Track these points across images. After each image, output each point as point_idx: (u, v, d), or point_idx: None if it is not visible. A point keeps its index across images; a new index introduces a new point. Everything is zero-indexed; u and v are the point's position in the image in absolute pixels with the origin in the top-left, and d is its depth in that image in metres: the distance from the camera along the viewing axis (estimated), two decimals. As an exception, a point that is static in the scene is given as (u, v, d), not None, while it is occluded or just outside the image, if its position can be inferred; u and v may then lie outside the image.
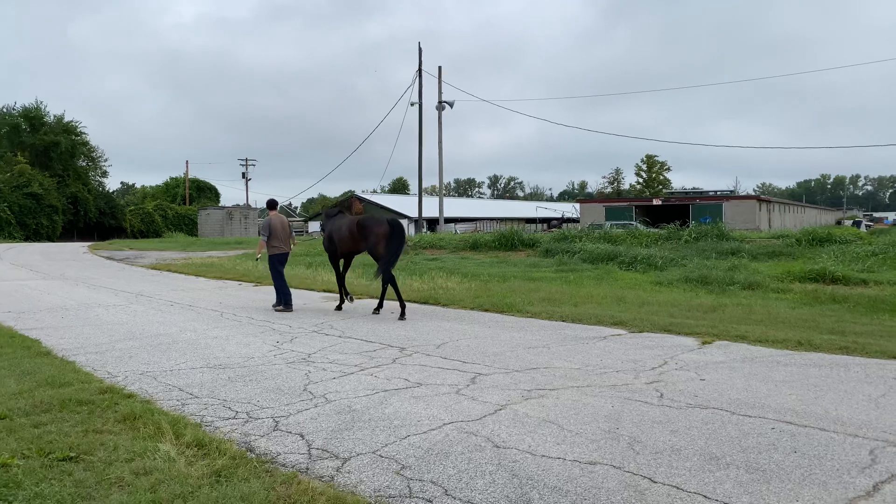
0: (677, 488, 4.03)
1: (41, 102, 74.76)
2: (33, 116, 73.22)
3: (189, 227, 74.06)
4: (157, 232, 71.34)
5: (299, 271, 20.21)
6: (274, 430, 5.23)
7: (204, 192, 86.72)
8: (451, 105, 42.24)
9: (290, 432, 5.18)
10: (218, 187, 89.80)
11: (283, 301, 12.21)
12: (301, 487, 4.01)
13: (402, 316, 11.04)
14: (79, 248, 43.53)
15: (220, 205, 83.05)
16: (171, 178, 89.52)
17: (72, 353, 8.22)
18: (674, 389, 6.34)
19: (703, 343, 8.61)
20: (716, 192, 79.75)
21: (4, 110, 73.41)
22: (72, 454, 4.54)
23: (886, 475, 4.19)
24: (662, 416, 5.51)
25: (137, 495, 3.87)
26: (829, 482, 4.09)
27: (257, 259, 13.27)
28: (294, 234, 13.27)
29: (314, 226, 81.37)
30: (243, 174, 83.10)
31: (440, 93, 42.72)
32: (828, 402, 5.85)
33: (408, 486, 4.12)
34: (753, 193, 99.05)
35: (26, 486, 4.01)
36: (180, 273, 21.87)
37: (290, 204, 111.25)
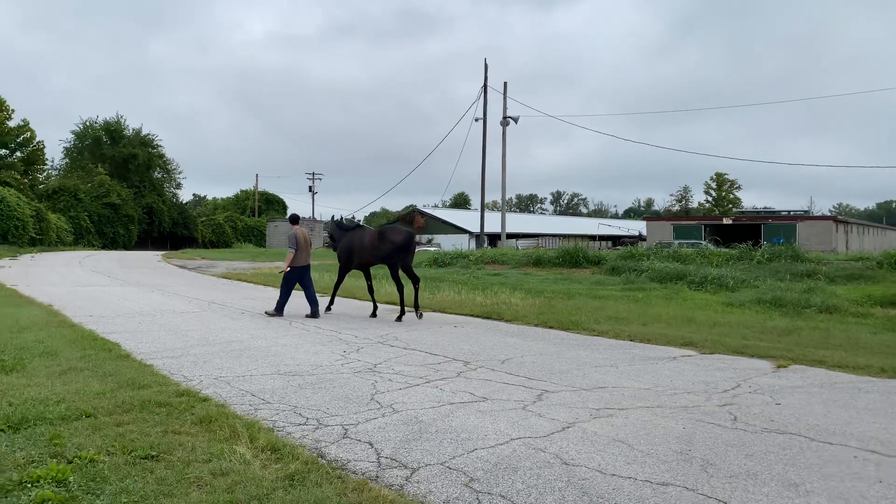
0: (755, 514, 3.91)
1: (121, 116, 78.49)
2: (114, 130, 76.79)
3: (258, 238, 76.19)
4: (226, 242, 73.61)
5: (362, 283, 20.48)
6: (343, 438, 5.32)
7: (272, 205, 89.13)
8: (515, 120, 42.28)
9: (360, 440, 5.26)
10: (285, 200, 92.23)
11: (278, 308, 13.13)
12: (372, 494, 4.06)
13: (400, 318, 12.74)
14: (153, 256, 45.25)
15: (287, 217, 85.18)
16: (241, 191, 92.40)
17: (149, 356, 8.54)
18: (748, 413, 6.15)
19: (779, 367, 8.33)
20: (789, 211, 77.16)
21: (87, 124, 77.21)
22: (153, 453, 4.72)
23: (983, 511, 3.96)
24: (737, 439, 5.35)
25: (215, 495, 3.99)
26: (919, 516, 3.90)
27: (282, 272, 13.56)
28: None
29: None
30: (310, 187, 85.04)
31: (505, 108, 42.84)
32: (915, 432, 5.57)
33: (477, 499, 4.12)
34: (829, 214, 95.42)
35: (112, 482, 4.19)
36: (250, 283, 22.48)
37: (354, 217, 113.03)
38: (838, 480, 4.45)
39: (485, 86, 42.81)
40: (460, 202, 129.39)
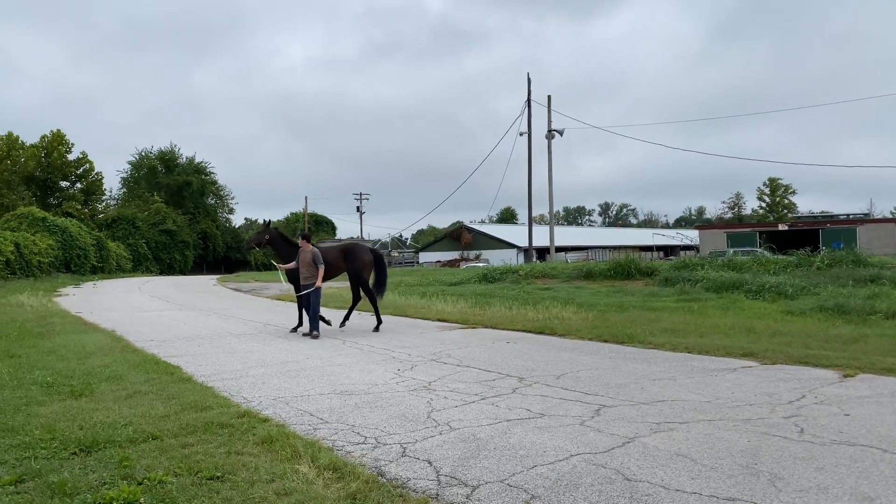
0: (829, 530, 3.78)
1: (175, 146, 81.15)
2: (168, 158, 79.30)
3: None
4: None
5: (413, 300, 20.61)
6: (402, 456, 5.34)
7: (321, 226, 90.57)
8: (560, 133, 42.13)
9: (418, 458, 5.28)
10: (334, 221, 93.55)
11: (315, 325, 13.36)
12: (433, 513, 4.07)
13: (377, 328, 13.97)
14: (208, 280, 46.35)
15: (336, 238, 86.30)
16: (291, 213, 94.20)
17: (210, 378, 8.74)
18: (815, 424, 5.96)
19: (845, 376, 8.06)
20: (848, 215, 74.79)
21: (143, 154, 79.91)
22: (217, 474, 4.82)
23: None
24: (805, 452, 5.19)
25: (280, 514, 4.06)
26: None
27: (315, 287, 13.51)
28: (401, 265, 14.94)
29: (425, 256, 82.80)
30: (357, 208, 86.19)
31: (549, 121, 42.73)
32: None
33: (539, 517, 4.09)
34: (891, 216, 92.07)
35: (180, 502, 4.30)
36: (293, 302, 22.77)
37: (401, 235, 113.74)
38: (916, 494, 4.27)
39: (528, 100, 42.83)
40: (507, 217, 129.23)
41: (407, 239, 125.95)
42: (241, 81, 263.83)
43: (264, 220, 14.59)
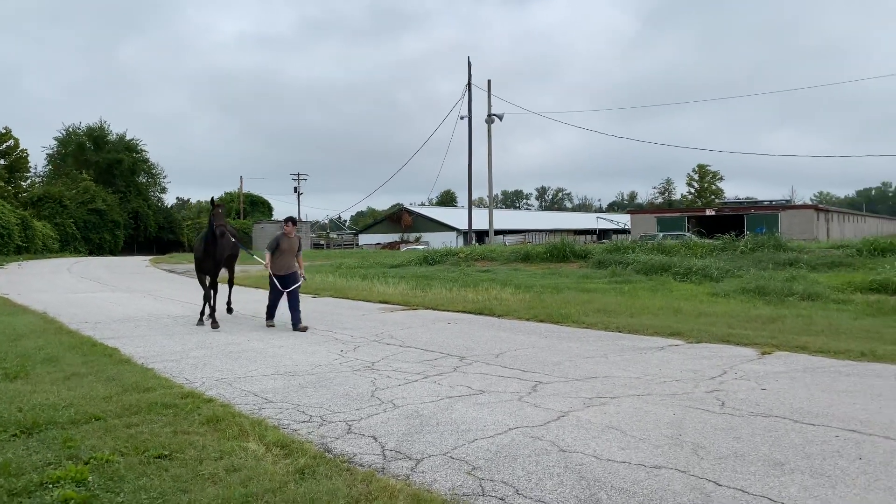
0: (743, 491, 4.15)
1: (105, 122, 77.97)
2: (97, 135, 76.31)
3: (244, 240, 75.93)
4: (213, 245, 73.28)
5: (354, 283, 20.67)
6: (348, 433, 5.51)
7: (257, 207, 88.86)
8: (500, 118, 42.53)
9: (364, 435, 5.46)
10: (271, 202, 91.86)
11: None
12: (380, 485, 4.27)
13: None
14: (140, 261, 45.11)
15: (273, 219, 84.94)
16: (226, 193, 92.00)
17: (150, 360, 8.68)
18: (735, 398, 6.41)
19: (763, 353, 8.61)
20: (771, 201, 78.00)
21: (71, 130, 76.65)
22: (165, 452, 4.89)
23: (954, 482, 4.23)
24: (725, 423, 5.60)
25: (231, 489, 4.18)
26: (894, 487, 4.15)
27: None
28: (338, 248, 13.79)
29: (364, 239, 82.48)
30: (295, 188, 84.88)
31: (489, 106, 43.07)
32: (892, 412, 5.85)
33: (480, 486, 4.33)
34: (810, 203, 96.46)
35: (129, 480, 4.36)
36: (240, 286, 22.52)
37: (340, 217, 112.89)
38: (820, 459, 4.70)
39: (469, 84, 43.04)
40: (447, 200, 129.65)
41: (346, 221, 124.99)
42: (170, 57, 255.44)
43: (212, 199, 12.77)
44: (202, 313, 12.45)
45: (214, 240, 12.03)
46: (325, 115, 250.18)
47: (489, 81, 43.56)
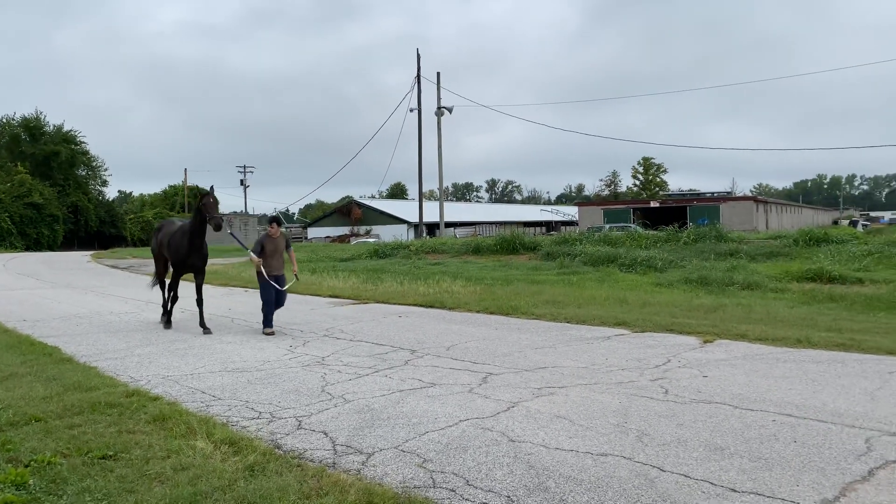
0: (685, 476, 4.29)
1: (41, 112, 75.00)
2: (33, 126, 73.42)
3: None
4: (157, 240, 71.48)
5: (303, 277, 20.46)
6: (298, 429, 5.49)
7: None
8: (450, 110, 42.56)
9: (314, 430, 5.44)
10: (216, 194, 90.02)
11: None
12: (332, 480, 4.26)
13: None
14: (81, 257, 43.73)
15: (219, 212, 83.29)
16: (170, 186, 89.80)
17: (92, 359, 8.46)
18: (678, 386, 6.60)
19: (705, 342, 8.87)
20: (712, 193, 79.98)
21: (4, 120, 73.62)
22: (109, 453, 4.78)
23: (881, 461, 4.45)
24: (668, 410, 5.77)
25: (179, 488, 4.12)
26: (827, 468, 4.35)
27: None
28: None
29: (313, 232, 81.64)
30: (241, 181, 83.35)
31: (439, 98, 43.06)
32: (826, 395, 6.11)
33: (431, 478, 4.37)
34: (750, 194, 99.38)
35: (72, 482, 4.26)
36: (185, 281, 22.07)
37: (288, 210, 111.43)
38: (758, 443, 4.89)
39: (418, 76, 42.93)
40: (397, 192, 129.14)
41: (294, 214, 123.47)
42: (107, 45, 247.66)
43: (211, 188, 11.35)
44: (169, 312, 11.54)
45: (202, 234, 10.91)
46: (270, 105, 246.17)
47: (438, 74, 43.56)
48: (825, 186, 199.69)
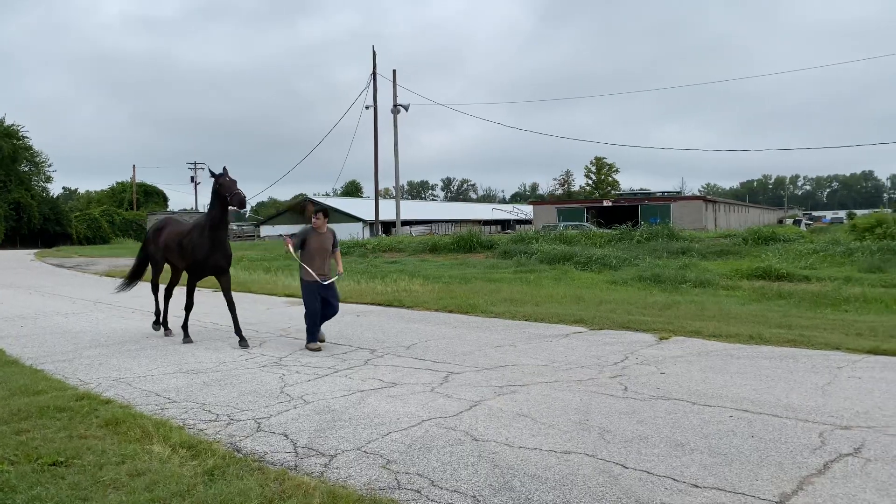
0: (648, 473, 4.34)
1: (-21, 106, 72.18)
2: (-29, 120, 70.62)
3: (138, 232, 72.51)
4: (104, 238, 69.68)
5: (257, 276, 20.15)
6: (257, 431, 5.38)
7: (152, 197, 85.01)
8: (406, 108, 42.43)
9: (274, 432, 5.34)
10: (166, 192, 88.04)
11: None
12: (294, 483, 4.18)
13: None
14: (24, 255, 42.29)
15: (169, 210, 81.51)
16: (118, 183, 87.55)
17: (39, 361, 8.16)
18: (637, 383, 6.68)
19: (661, 339, 9.02)
20: (663, 192, 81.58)
21: (-60, 113, 70.61)
22: (60, 459, 4.61)
23: (835, 455, 4.57)
24: (628, 407, 5.83)
25: (135, 495, 3.99)
26: (784, 462, 4.45)
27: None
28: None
29: (267, 230, 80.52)
30: (192, 178, 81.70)
31: (395, 96, 42.89)
32: (779, 391, 6.26)
33: (395, 479, 4.33)
34: (699, 194, 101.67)
35: (21, 490, 4.09)
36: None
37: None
38: (717, 438, 4.98)
39: (374, 73, 42.67)
40: (352, 190, 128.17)
41: (247, 211, 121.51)
42: (50, 38, 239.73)
43: (224, 168, 9.59)
44: (186, 325, 9.77)
45: (225, 225, 9.49)
46: (221, 101, 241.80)
47: (394, 71, 43.36)
48: (770, 186, 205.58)
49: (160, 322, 10.48)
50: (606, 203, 67.54)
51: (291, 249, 8.97)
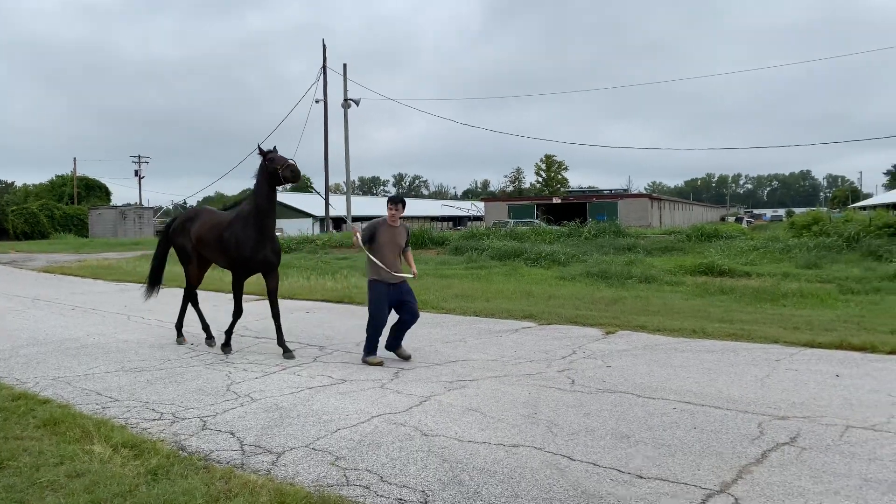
0: (594, 464, 4.41)
1: None
2: None
3: (79, 227, 70.23)
4: (43, 233, 67.24)
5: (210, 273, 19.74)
6: (203, 430, 5.28)
7: (94, 191, 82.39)
8: (356, 103, 42.10)
9: (220, 430, 5.25)
10: (109, 186, 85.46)
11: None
12: (240, 481, 4.12)
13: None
14: (-45, 251, 40.54)
15: (112, 204, 79.21)
16: (58, 176, 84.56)
17: (-29, 360, 7.85)
18: (584, 376, 6.79)
19: (607, 333, 9.18)
20: (610, 190, 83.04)
21: None
22: (-6, 461, 4.45)
23: (773, 444, 4.73)
24: (575, 400, 5.92)
25: (74, 497, 3.87)
26: (724, 453, 4.59)
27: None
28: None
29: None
30: (136, 172, 79.56)
31: (345, 90, 42.50)
32: (721, 383, 6.44)
33: (344, 475, 4.31)
34: (645, 192, 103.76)
35: (-48, 495, 3.93)
36: (76, 276, 20.88)
37: (186, 202, 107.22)
38: (661, 430, 5.09)
39: (324, 67, 42.23)
40: (302, 185, 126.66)
41: (193, 207, 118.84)
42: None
43: (274, 147, 8.45)
44: (230, 334, 8.55)
45: (274, 212, 8.27)
46: (165, 93, 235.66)
47: (345, 65, 42.96)
48: (713, 185, 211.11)
49: (208, 333, 9.01)
50: (556, 200, 68.35)
51: (360, 240, 7.72)
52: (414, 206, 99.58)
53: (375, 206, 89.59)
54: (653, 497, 3.91)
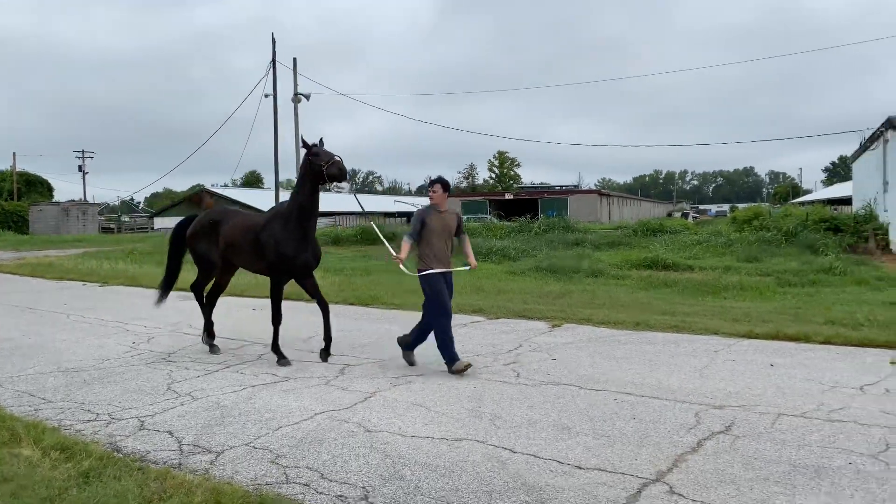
0: (535, 456, 4.46)
1: None
2: None
3: (19, 224, 67.73)
4: (-21, 230, 64.69)
5: (148, 269, 19.30)
6: (140, 430, 5.16)
7: (35, 187, 79.52)
8: (307, 97, 41.57)
9: (158, 430, 5.13)
10: (51, 181, 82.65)
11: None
12: (176, 481, 4.04)
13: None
14: None
15: (54, 200, 76.69)
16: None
17: None
18: (529, 369, 6.85)
19: (554, 326, 9.28)
20: (561, 186, 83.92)
21: None
22: (-86, 468, 4.26)
23: (708, 433, 4.85)
24: (519, 393, 5.97)
25: (-1, 502, 3.74)
26: (661, 442, 4.68)
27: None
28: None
29: (161, 222, 77.20)
30: (80, 167, 77.21)
31: (295, 84, 41.95)
32: (661, 374, 6.58)
33: (284, 473, 4.26)
34: (595, 188, 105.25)
35: None
36: (14, 274, 20.16)
37: (133, 199, 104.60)
38: (601, 421, 5.17)
39: (273, 61, 41.59)
40: (253, 181, 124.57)
41: (139, 203, 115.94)
42: None
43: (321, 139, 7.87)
44: (277, 346, 7.70)
45: (316, 212, 7.75)
46: (109, 86, 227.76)
47: (295, 59, 42.36)
48: (661, 181, 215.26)
49: (210, 333, 8.47)
50: (508, 196, 68.83)
51: (403, 265, 7.29)
52: (367, 203, 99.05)
53: (328, 202, 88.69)
54: (590, 487, 3.97)
